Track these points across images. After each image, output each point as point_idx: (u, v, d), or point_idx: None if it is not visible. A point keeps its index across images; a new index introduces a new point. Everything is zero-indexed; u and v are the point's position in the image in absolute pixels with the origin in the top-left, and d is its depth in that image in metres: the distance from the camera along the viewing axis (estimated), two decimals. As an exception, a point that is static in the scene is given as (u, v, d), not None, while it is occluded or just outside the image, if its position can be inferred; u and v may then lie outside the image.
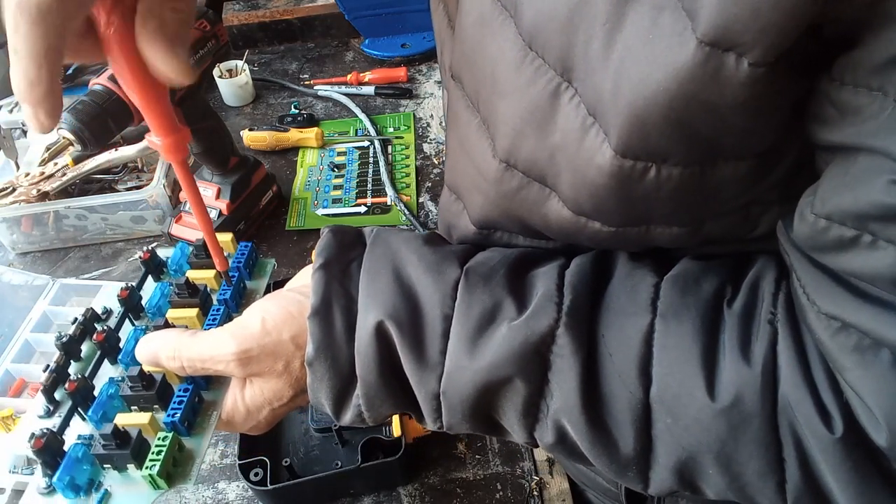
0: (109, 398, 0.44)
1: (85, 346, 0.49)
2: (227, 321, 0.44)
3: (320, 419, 0.68)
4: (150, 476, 0.40)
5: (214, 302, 0.49)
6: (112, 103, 0.67)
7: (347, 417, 0.42)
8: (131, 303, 0.50)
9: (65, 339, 0.47)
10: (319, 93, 1.18)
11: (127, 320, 0.51)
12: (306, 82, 1.21)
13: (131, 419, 0.42)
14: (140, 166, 0.99)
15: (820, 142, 0.31)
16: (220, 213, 0.89)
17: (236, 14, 1.28)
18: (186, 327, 0.46)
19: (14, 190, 0.92)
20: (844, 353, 0.31)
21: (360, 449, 0.64)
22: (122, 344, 0.48)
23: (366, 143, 1.07)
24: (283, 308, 0.43)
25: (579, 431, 0.37)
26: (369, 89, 1.17)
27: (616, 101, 0.31)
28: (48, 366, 0.46)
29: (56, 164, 0.93)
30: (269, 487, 0.62)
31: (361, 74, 1.19)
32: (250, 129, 1.08)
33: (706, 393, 0.34)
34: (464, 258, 0.42)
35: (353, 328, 0.40)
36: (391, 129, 1.10)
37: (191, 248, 0.52)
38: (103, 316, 0.50)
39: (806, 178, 0.33)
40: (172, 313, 0.47)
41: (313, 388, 0.42)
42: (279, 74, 1.24)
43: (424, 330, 0.39)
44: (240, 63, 1.15)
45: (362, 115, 1.12)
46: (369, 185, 1.00)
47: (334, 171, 1.03)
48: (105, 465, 0.41)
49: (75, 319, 0.49)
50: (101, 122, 0.66)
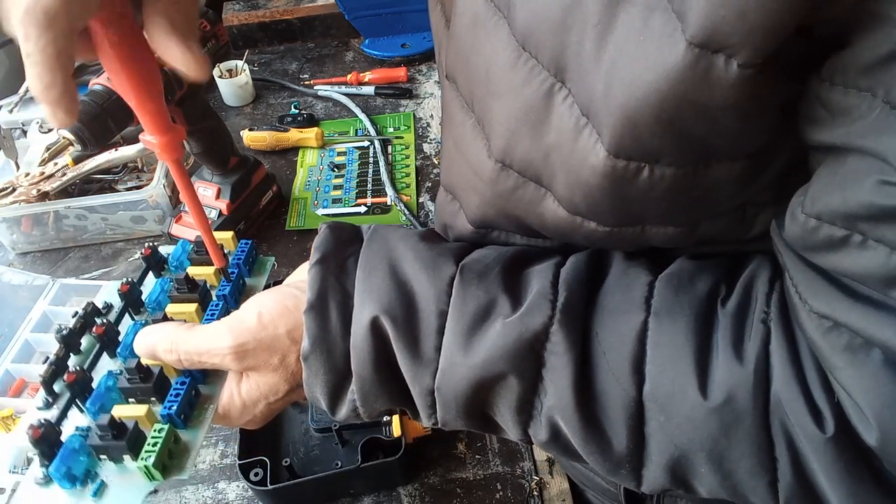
0: (107, 390, 0.44)
1: (85, 339, 0.49)
2: (225, 316, 0.45)
3: (320, 419, 0.68)
4: (146, 467, 0.40)
5: (213, 297, 0.49)
6: (112, 103, 0.67)
7: (342, 412, 0.43)
8: (132, 297, 0.50)
9: (65, 332, 0.47)
10: (319, 93, 1.18)
11: (127, 314, 0.51)
12: (306, 82, 1.22)
13: (128, 411, 0.42)
14: (140, 166, 0.99)
15: (811, 142, 0.31)
16: (220, 213, 0.89)
17: (236, 14, 1.28)
18: (185, 321, 0.47)
19: (14, 190, 0.92)
20: (836, 352, 0.31)
21: (360, 449, 0.64)
22: (121, 337, 0.48)
23: (366, 143, 1.07)
24: (280, 302, 0.43)
25: (573, 429, 0.37)
26: (369, 89, 1.17)
27: (608, 102, 0.31)
28: (48, 358, 0.46)
29: (56, 164, 0.93)
30: (269, 487, 0.62)
31: (361, 74, 1.19)
32: (250, 129, 1.08)
33: (699, 391, 0.35)
34: (460, 255, 0.42)
35: (349, 323, 0.40)
36: (391, 129, 1.11)
37: (192, 245, 0.52)
38: (104, 310, 0.51)
39: (800, 179, 0.33)
40: (172, 308, 0.48)
41: (308, 382, 0.42)
42: (279, 74, 1.25)
43: (419, 326, 0.40)
44: (240, 63, 1.15)
45: (362, 115, 1.12)
46: (369, 185, 1.00)
47: (334, 171, 1.03)
48: (101, 455, 0.42)
49: (76, 313, 0.49)
50: (101, 122, 0.67)
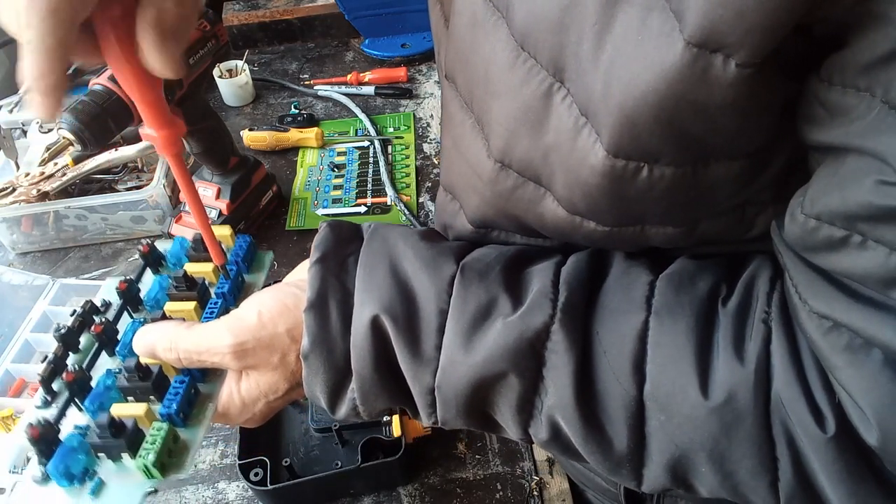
0: (106, 389, 0.44)
1: (83, 338, 0.49)
2: (224, 314, 0.45)
3: (320, 419, 0.68)
4: (145, 465, 0.40)
5: (212, 295, 0.49)
6: (112, 103, 0.67)
7: (342, 411, 0.43)
8: (130, 295, 0.50)
9: (63, 331, 0.47)
10: (319, 93, 1.18)
11: (125, 312, 0.51)
12: (306, 82, 1.21)
13: (127, 409, 0.42)
14: (140, 166, 0.99)
15: (810, 142, 0.31)
16: (220, 213, 0.89)
17: (236, 14, 1.28)
18: (184, 320, 0.47)
19: (14, 190, 0.92)
20: (836, 352, 0.31)
21: (360, 449, 0.64)
22: (120, 336, 0.48)
23: (366, 143, 1.07)
24: (280, 301, 0.43)
25: (573, 428, 0.37)
26: (369, 89, 1.17)
27: (607, 102, 0.31)
28: (46, 356, 0.46)
29: (56, 164, 0.93)
30: (269, 487, 0.62)
31: (361, 74, 1.19)
32: (250, 129, 1.08)
33: (699, 391, 0.35)
34: (460, 254, 0.42)
35: (349, 322, 0.40)
36: (391, 129, 1.11)
37: (190, 242, 0.52)
38: (102, 308, 0.51)
39: (800, 179, 0.33)
40: (170, 306, 0.47)
41: (308, 381, 0.42)
42: (279, 74, 1.24)
43: (420, 325, 0.40)
44: (240, 63, 1.15)
45: (362, 115, 1.12)
46: (369, 185, 1.00)
47: (334, 171, 1.03)
48: (100, 454, 0.42)
49: (74, 311, 0.49)
50: (101, 122, 0.66)
